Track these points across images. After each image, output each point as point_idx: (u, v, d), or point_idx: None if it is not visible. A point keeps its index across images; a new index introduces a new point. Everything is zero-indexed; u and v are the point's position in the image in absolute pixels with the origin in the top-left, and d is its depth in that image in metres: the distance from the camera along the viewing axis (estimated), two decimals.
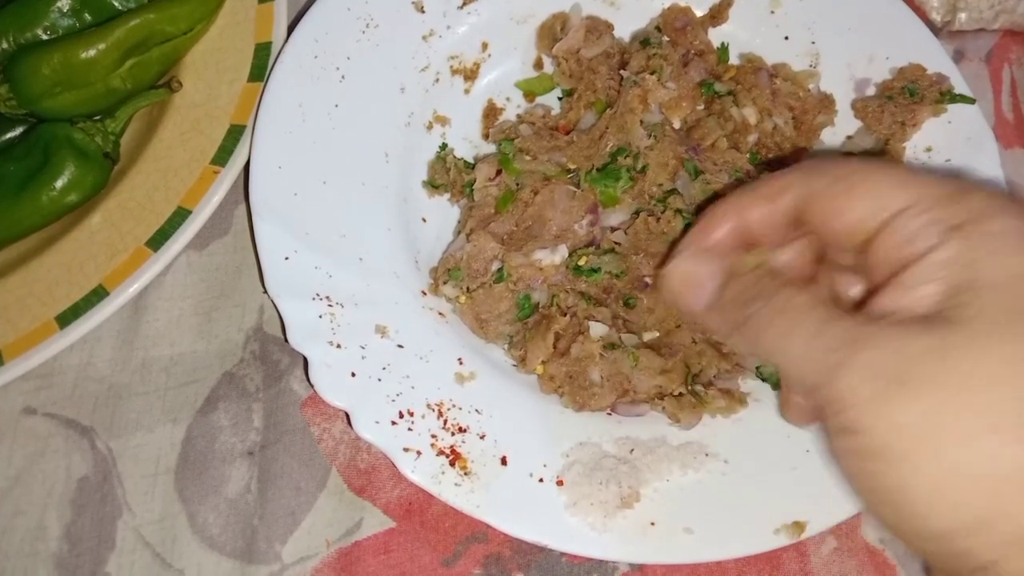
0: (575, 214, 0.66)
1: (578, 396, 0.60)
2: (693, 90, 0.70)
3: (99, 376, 0.65)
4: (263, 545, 0.60)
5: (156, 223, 0.66)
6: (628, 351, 0.60)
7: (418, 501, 0.62)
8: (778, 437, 0.60)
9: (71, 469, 0.62)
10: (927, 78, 0.71)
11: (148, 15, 0.68)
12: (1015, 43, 0.83)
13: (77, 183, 0.66)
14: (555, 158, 0.67)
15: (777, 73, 0.73)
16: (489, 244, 0.64)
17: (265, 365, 0.66)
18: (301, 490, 0.62)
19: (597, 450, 0.59)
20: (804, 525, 0.57)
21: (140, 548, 0.60)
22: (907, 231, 0.44)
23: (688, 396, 0.60)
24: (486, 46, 0.76)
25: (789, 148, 0.71)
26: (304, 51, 0.69)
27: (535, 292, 0.64)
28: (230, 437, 0.64)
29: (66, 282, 0.64)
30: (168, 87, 0.71)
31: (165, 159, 0.68)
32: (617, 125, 0.67)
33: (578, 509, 0.56)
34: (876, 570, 0.61)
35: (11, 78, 0.66)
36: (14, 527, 0.60)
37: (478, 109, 0.75)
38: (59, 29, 0.69)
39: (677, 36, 0.74)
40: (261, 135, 0.66)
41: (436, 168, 0.71)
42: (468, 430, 0.59)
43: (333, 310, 0.61)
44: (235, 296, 0.68)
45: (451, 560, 0.60)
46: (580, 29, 0.73)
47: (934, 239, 0.43)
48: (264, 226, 0.63)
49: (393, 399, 0.59)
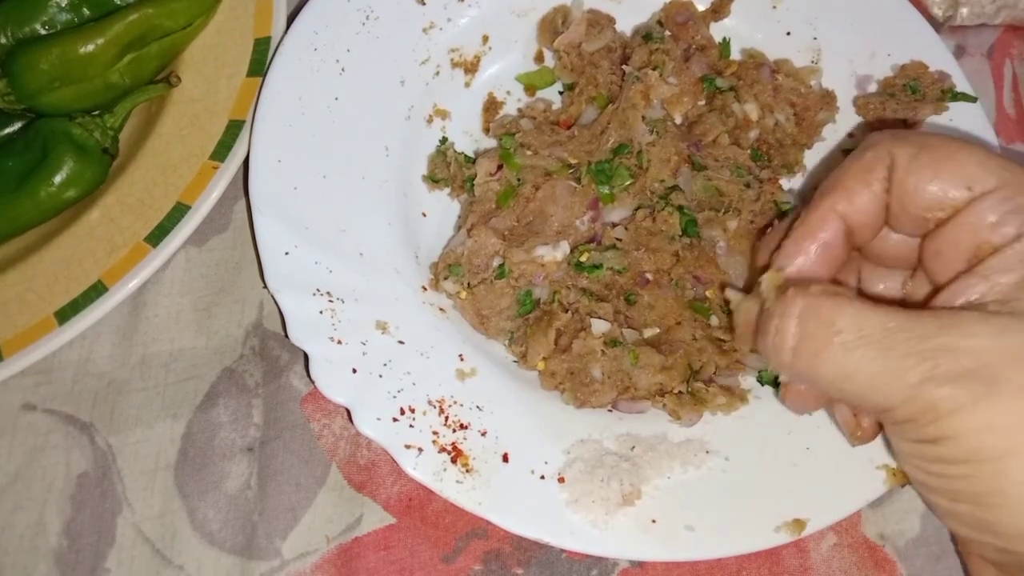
0: (576, 210, 0.65)
1: (579, 393, 0.60)
2: (694, 85, 0.70)
3: (98, 372, 0.65)
4: (263, 541, 0.60)
5: (155, 218, 0.66)
6: (629, 348, 0.60)
7: (418, 497, 0.62)
8: (779, 434, 0.60)
9: (71, 465, 0.62)
10: (929, 75, 0.71)
11: (147, 10, 0.68)
12: (1017, 38, 0.83)
13: (76, 178, 0.66)
14: (556, 153, 0.67)
15: (779, 69, 0.72)
16: (490, 240, 0.64)
17: (265, 361, 0.66)
18: (301, 486, 0.62)
19: (598, 447, 0.59)
20: (804, 523, 0.57)
21: (140, 544, 0.60)
22: (992, 216, 0.43)
23: (688, 394, 0.60)
24: (487, 39, 0.76)
25: (790, 144, 0.71)
26: (304, 43, 0.69)
27: (536, 288, 0.64)
28: (230, 433, 0.63)
29: (65, 278, 0.64)
30: (167, 82, 0.70)
31: (164, 154, 0.68)
32: (619, 121, 0.67)
33: (580, 506, 0.56)
34: (876, 565, 0.62)
35: (10, 73, 0.66)
36: (14, 523, 0.60)
37: (478, 102, 0.75)
38: (58, 24, 0.69)
39: (679, 30, 0.74)
40: (261, 128, 0.66)
41: (436, 162, 0.71)
42: (469, 427, 0.59)
43: (334, 306, 0.61)
44: (235, 292, 0.68)
45: (451, 556, 0.60)
46: (582, 23, 0.73)
47: (1017, 227, 0.42)
48: (264, 220, 0.63)
49: (394, 396, 0.58)
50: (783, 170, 0.71)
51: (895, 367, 0.40)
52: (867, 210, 0.47)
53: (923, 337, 0.40)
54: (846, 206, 0.48)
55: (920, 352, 0.40)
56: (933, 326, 0.40)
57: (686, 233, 0.64)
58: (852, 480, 0.58)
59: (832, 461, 0.59)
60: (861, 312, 0.42)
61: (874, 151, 0.47)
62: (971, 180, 0.44)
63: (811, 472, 0.59)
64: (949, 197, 0.44)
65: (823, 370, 0.43)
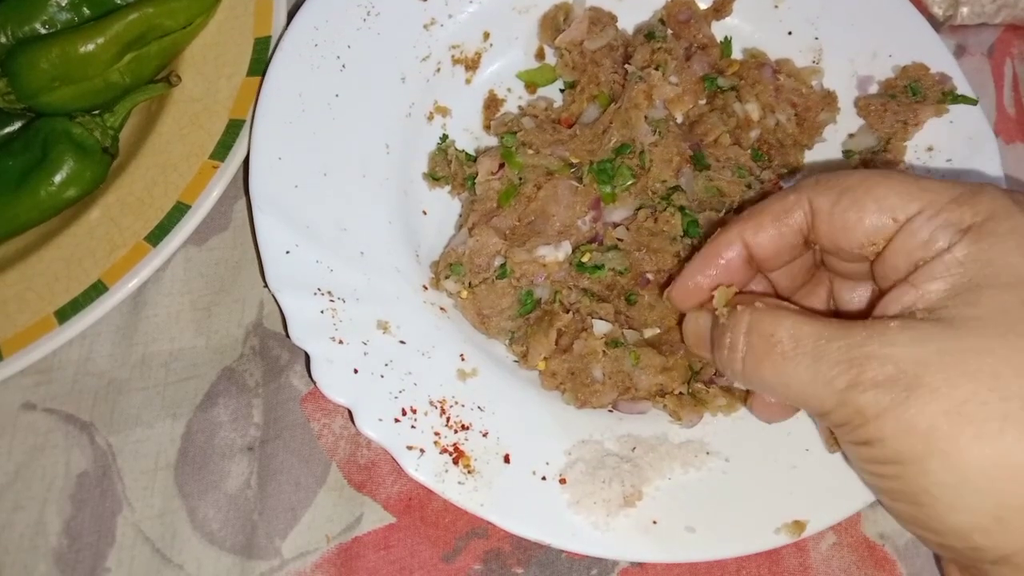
0: (578, 209, 0.65)
1: (580, 393, 0.60)
2: (696, 84, 0.70)
3: (99, 371, 0.65)
4: (263, 540, 0.60)
5: (155, 218, 0.66)
6: (630, 349, 0.60)
7: (418, 497, 0.62)
8: (778, 435, 0.60)
9: (71, 464, 0.62)
10: (930, 77, 0.71)
11: (147, 9, 0.67)
12: (1017, 37, 0.83)
13: (76, 178, 0.66)
14: (558, 152, 0.67)
15: (781, 69, 0.72)
16: (492, 239, 0.64)
17: (265, 361, 0.66)
18: (301, 485, 0.62)
19: (599, 448, 0.59)
20: (804, 525, 0.57)
21: (140, 543, 0.60)
22: (921, 235, 0.45)
23: (689, 395, 0.60)
24: (488, 35, 0.75)
25: (790, 145, 0.71)
26: (304, 39, 0.69)
27: (538, 288, 0.64)
28: (230, 433, 0.63)
29: (65, 277, 0.64)
30: (167, 81, 0.70)
31: (164, 154, 0.68)
32: (621, 120, 0.67)
33: (581, 507, 0.56)
34: (875, 565, 0.62)
35: (10, 72, 0.66)
36: (14, 522, 0.60)
37: (479, 100, 0.75)
38: (58, 23, 0.69)
39: (680, 29, 0.74)
40: (261, 125, 0.65)
41: (437, 160, 0.70)
42: (471, 427, 0.58)
43: (335, 305, 0.61)
44: (235, 292, 0.68)
45: (451, 555, 0.60)
46: (583, 20, 0.72)
47: (945, 241, 0.44)
48: (264, 218, 0.62)
49: (396, 396, 0.58)
50: (783, 170, 0.71)
51: (824, 374, 0.43)
52: (769, 246, 0.51)
53: (851, 346, 0.43)
54: (751, 236, 0.51)
55: (848, 360, 0.42)
56: (862, 335, 0.43)
57: (688, 234, 0.64)
58: (851, 481, 0.58)
59: (831, 462, 0.59)
60: (798, 324, 0.45)
61: (796, 195, 0.50)
62: (894, 210, 0.46)
63: (810, 473, 0.59)
64: (878, 231, 0.47)
65: (766, 378, 0.46)
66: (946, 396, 0.40)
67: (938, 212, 0.44)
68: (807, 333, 0.44)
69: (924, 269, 0.44)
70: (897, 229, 0.46)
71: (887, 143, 0.70)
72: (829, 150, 0.73)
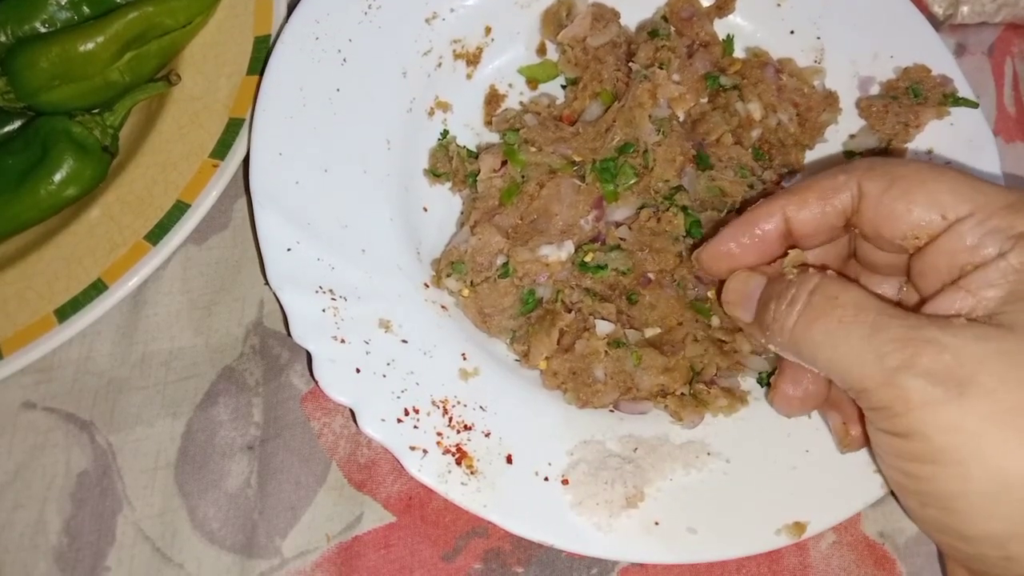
0: (581, 208, 0.65)
1: (581, 393, 0.60)
2: (698, 82, 0.69)
3: (98, 370, 0.65)
4: (263, 539, 0.60)
5: (155, 217, 0.65)
6: (632, 350, 0.60)
7: (418, 496, 0.62)
8: (779, 436, 0.60)
9: (71, 463, 0.62)
10: (931, 79, 0.71)
11: (147, 8, 0.67)
12: (1017, 36, 0.83)
13: (76, 177, 0.65)
14: (561, 150, 0.67)
15: (783, 68, 0.72)
16: (494, 238, 0.64)
17: (265, 360, 0.66)
18: (301, 484, 0.62)
19: (601, 448, 0.59)
20: (805, 526, 0.57)
21: (140, 542, 0.60)
22: (970, 239, 0.44)
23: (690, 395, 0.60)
24: (489, 30, 0.75)
25: (791, 144, 0.71)
26: (305, 32, 0.69)
27: (540, 288, 0.64)
28: (230, 432, 0.63)
29: (65, 276, 0.64)
30: (167, 80, 0.70)
31: (164, 153, 0.68)
32: (625, 119, 0.66)
33: (583, 508, 0.56)
34: (875, 564, 0.62)
35: (9, 71, 0.66)
36: (14, 521, 0.60)
37: (480, 95, 0.75)
38: (57, 22, 0.69)
39: (683, 26, 0.73)
40: (262, 120, 0.65)
41: (438, 156, 0.70)
42: (473, 428, 0.58)
43: (336, 304, 0.61)
44: (235, 290, 0.68)
45: (451, 555, 0.60)
46: (586, 16, 0.72)
47: (997, 247, 0.43)
48: (265, 215, 0.62)
49: (398, 396, 0.58)
50: (784, 170, 0.71)
51: (878, 348, 0.42)
52: (810, 223, 0.50)
53: (912, 327, 0.42)
54: (794, 211, 0.51)
55: (906, 339, 0.41)
56: (925, 321, 0.42)
57: (690, 234, 0.64)
58: (851, 482, 0.58)
59: (831, 463, 0.59)
60: (864, 295, 0.45)
61: (847, 176, 0.49)
62: (944, 208, 0.45)
63: (811, 474, 0.59)
64: (924, 225, 0.46)
65: (816, 337, 0.45)
66: (1000, 399, 0.39)
67: (989, 217, 0.44)
68: (872, 306, 0.44)
69: (978, 275, 0.43)
70: (945, 227, 0.45)
71: (888, 144, 0.70)
72: (830, 150, 0.73)
